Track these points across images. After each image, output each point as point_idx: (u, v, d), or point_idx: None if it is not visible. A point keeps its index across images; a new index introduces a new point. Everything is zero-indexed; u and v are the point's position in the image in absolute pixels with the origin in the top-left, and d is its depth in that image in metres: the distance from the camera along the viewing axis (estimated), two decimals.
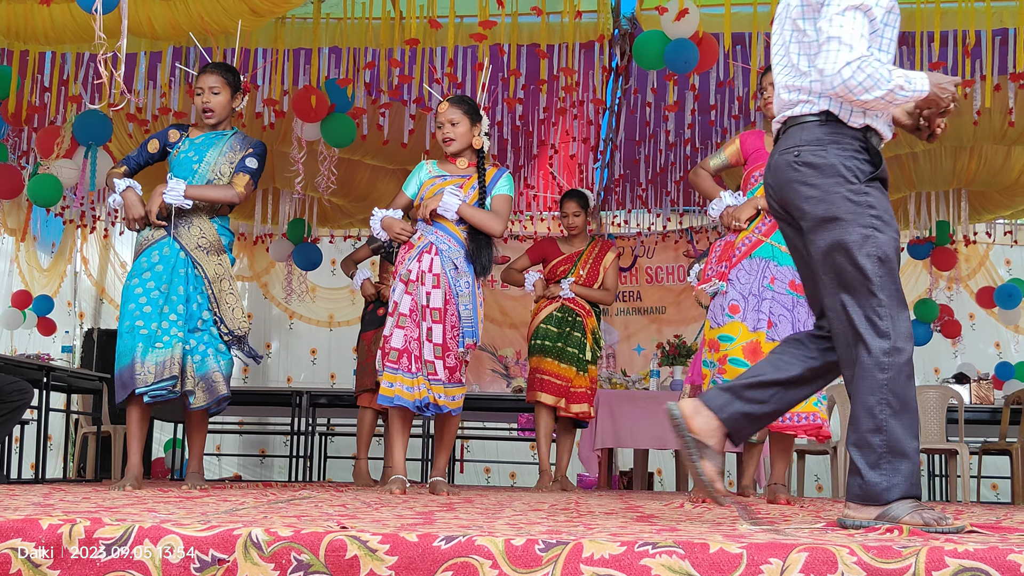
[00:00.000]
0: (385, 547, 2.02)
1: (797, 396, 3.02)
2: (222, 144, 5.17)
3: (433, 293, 4.90)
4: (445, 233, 4.98)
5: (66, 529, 2.11)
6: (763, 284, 4.74)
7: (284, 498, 3.95)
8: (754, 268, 4.79)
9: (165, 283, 4.98)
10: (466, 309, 4.93)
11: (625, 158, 9.97)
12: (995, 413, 8.63)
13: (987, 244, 11.07)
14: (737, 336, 4.69)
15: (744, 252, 4.80)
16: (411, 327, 4.91)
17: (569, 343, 6.83)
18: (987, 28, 6.82)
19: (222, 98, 5.14)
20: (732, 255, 4.83)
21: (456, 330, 4.94)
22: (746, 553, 1.94)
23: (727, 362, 4.67)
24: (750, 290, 4.74)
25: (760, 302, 4.71)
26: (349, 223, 10.42)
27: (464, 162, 5.12)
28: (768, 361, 3.03)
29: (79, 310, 11.34)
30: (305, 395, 8.90)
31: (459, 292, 4.92)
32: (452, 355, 4.92)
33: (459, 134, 5.04)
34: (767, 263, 4.78)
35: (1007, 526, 2.62)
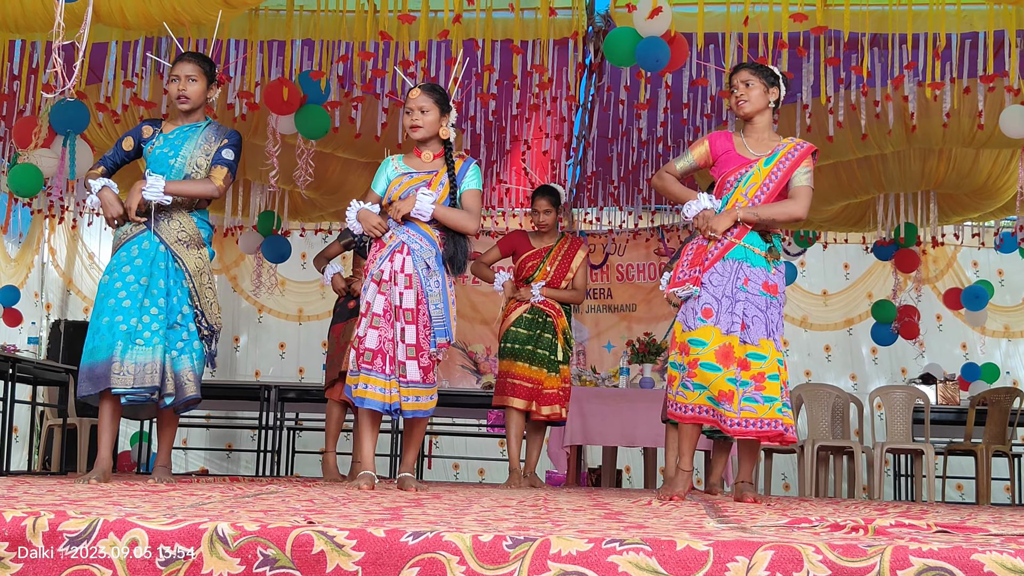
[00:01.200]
0: (352, 542, 2.01)
1: None
2: (196, 136, 5.13)
3: (406, 293, 4.86)
4: (417, 232, 4.92)
5: (30, 522, 2.09)
6: (736, 286, 4.73)
7: (251, 492, 3.94)
8: (727, 270, 4.76)
9: (145, 276, 4.94)
10: (436, 308, 4.90)
11: (597, 155, 9.98)
12: (961, 414, 8.71)
13: (955, 246, 11.17)
14: (709, 340, 4.66)
15: (717, 255, 4.77)
16: (385, 328, 4.86)
17: (540, 345, 6.81)
18: (957, 31, 6.87)
19: (198, 86, 5.11)
20: (704, 258, 4.80)
21: (428, 330, 4.91)
22: (712, 551, 1.95)
23: (698, 366, 4.65)
24: (723, 292, 4.72)
25: (734, 304, 4.70)
26: (320, 216, 10.38)
27: (430, 154, 5.04)
28: None
29: (46, 301, 11.25)
30: (273, 389, 8.86)
31: (429, 292, 4.89)
32: (425, 355, 4.90)
33: (427, 122, 4.99)
34: (740, 264, 4.76)
35: (971, 526, 2.64)
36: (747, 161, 4.85)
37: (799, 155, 4.86)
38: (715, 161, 4.95)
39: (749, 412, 4.61)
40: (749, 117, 4.92)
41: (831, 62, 6.89)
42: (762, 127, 4.93)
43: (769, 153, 4.86)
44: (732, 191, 4.85)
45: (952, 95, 7.26)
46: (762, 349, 4.68)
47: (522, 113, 8.53)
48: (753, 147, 4.89)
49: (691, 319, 4.75)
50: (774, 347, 4.72)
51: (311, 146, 8.02)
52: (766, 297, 4.74)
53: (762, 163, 4.84)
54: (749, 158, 4.86)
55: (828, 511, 3.98)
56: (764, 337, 4.70)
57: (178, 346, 4.98)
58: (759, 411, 4.61)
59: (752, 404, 4.62)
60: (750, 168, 4.83)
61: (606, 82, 8.60)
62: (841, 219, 9.97)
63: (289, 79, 7.36)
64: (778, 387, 4.66)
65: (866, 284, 11.51)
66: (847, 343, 11.57)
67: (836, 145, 8.11)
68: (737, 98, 4.90)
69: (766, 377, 4.65)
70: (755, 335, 4.69)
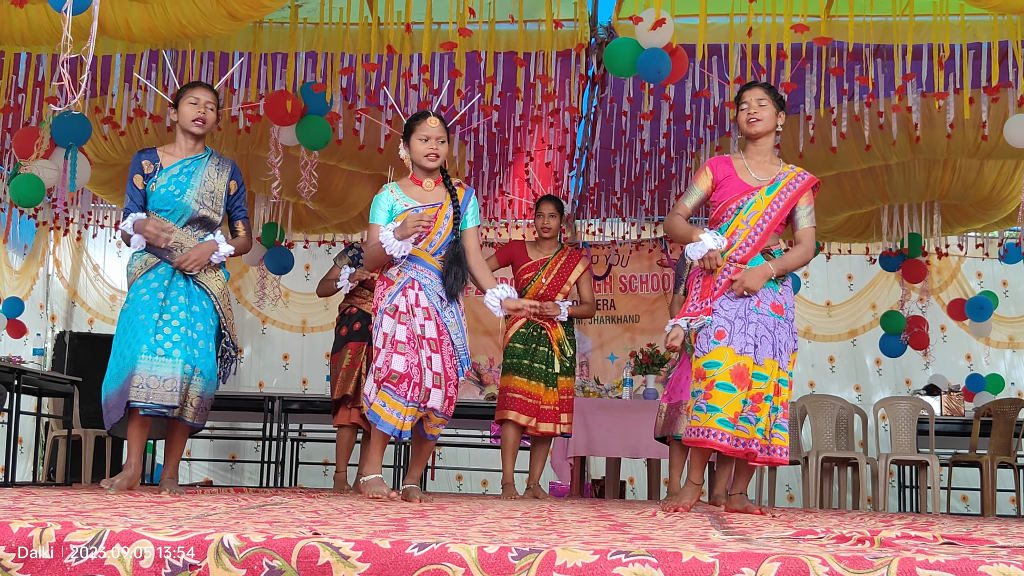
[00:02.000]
0: (358, 554, 2.01)
1: None
2: (200, 171, 5.19)
3: (427, 325, 4.86)
4: (424, 267, 4.91)
5: (36, 533, 2.09)
6: (748, 307, 4.72)
7: (256, 504, 3.93)
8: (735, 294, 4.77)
9: (162, 292, 5.03)
10: (458, 337, 4.93)
11: (600, 167, 9.99)
12: (965, 425, 8.70)
13: (959, 257, 11.16)
14: (724, 361, 4.63)
15: (725, 285, 4.76)
16: (411, 353, 4.83)
17: (536, 359, 6.80)
18: (962, 42, 6.87)
19: (213, 115, 5.21)
20: (713, 288, 4.78)
21: (453, 360, 4.93)
22: (719, 563, 1.95)
23: (714, 387, 4.62)
24: (736, 314, 4.70)
25: (747, 325, 4.69)
26: (324, 228, 10.39)
27: (431, 182, 4.99)
28: None
29: (51, 312, 11.27)
30: (277, 400, 8.86)
31: (448, 323, 4.91)
32: (452, 384, 4.92)
33: (442, 152, 4.97)
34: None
35: (977, 538, 2.64)
36: (749, 189, 4.82)
37: (800, 187, 4.85)
38: (716, 186, 4.90)
39: (741, 432, 4.62)
40: (758, 136, 4.88)
41: (834, 72, 6.90)
42: (766, 150, 4.91)
43: (771, 182, 4.84)
44: (733, 218, 4.82)
45: (956, 106, 7.26)
46: (764, 369, 4.68)
47: (525, 125, 8.54)
48: (755, 171, 4.86)
49: (704, 344, 4.72)
50: (777, 367, 4.72)
51: (314, 158, 8.04)
52: (774, 318, 4.74)
53: (764, 192, 4.82)
54: (752, 185, 4.83)
55: (833, 523, 3.98)
56: (768, 358, 4.70)
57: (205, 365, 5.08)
58: (750, 431, 4.63)
59: (745, 424, 4.63)
60: (752, 196, 4.81)
61: (609, 94, 8.61)
62: (845, 230, 9.96)
63: (292, 91, 7.38)
64: (769, 408, 4.67)
65: (870, 295, 11.50)
66: (851, 354, 11.56)
67: (840, 156, 8.11)
68: (750, 115, 4.84)
69: (763, 399, 4.66)
70: (760, 355, 4.69)
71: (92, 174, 8.04)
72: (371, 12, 6.94)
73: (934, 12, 6.76)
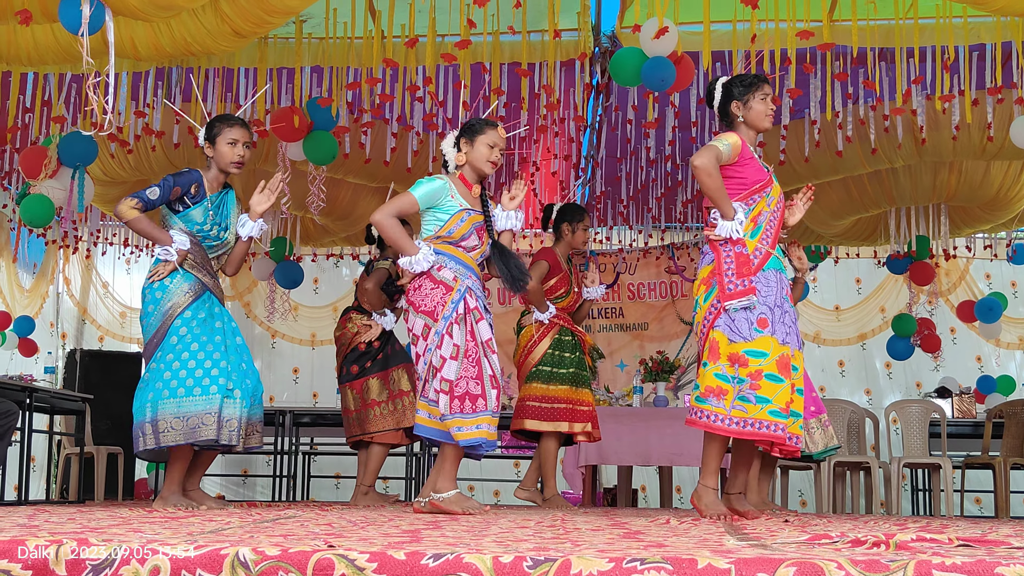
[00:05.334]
0: (373, 565, 2.02)
1: None
2: (231, 206, 5.32)
3: (484, 329, 4.88)
4: (475, 276, 4.95)
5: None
6: (782, 296, 4.69)
7: (270, 517, 3.94)
8: (770, 280, 4.68)
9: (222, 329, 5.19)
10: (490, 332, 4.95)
11: (606, 175, 10.00)
12: (977, 427, 8.67)
13: (967, 258, 11.14)
14: (770, 351, 4.54)
15: (759, 263, 4.69)
16: (476, 366, 4.83)
17: (579, 366, 6.81)
18: (965, 44, 6.88)
19: (249, 154, 5.29)
20: (751, 267, 4.66)
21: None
22: (734, 568, 1.95)
23: (762, 377, 4.51)
24: (775, 302, 4.65)
25: (784, 315, 4.65)
26: (332, 241, 10.41)
27: (477, 188, 4.98)
28: None
29: (61, 331, 11.30)
30: (288, 414, 8.86)
31: (489, 320, 4.96)
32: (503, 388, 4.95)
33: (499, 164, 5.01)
34: (779, 276, 4.73)
35: (993, 539, 2.63)
36: (769, 175, 4.85)
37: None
38: (739, 161, 4.76)
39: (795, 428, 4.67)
40: (766, 131, 4.95)
41: (839, 77, 6.91)
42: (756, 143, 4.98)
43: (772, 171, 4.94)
44: (759, 201, 4.76)
45: (961, 108, 7.26)
46: (796, 360, 4.71)
47: (530, 135, 8.56)
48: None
49: (746, 329, 4.57)
50: (802, 359, 4.78)
51: (322, 172, 8.06)
52: (793, 310, 4.79)
53: (773, 177, 4.88)
54: (768, 172, 4.86)
55: (848, 527, 3.97)
56: (798, 348, 4.75)
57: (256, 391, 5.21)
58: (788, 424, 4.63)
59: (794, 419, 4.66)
60: (772, 184, 4.83)
61: (613, 102, 8.62)
62: (852, 234, 9.96)
63: (298, 106, 7.40)
64: (801, 401, 4.70)
65: (879, 298, 11.48)
66: (861, 358, 11.53)
67: (846, 160, 8.11)
68: (772, 110, 4.86)
69: (794, 390, 4.65)
70: (794, 346, 4.70)
71: (101, 192, 8.07)
72: (375, 26, 6.96)
73: (937, 14, 6.77)
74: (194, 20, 5.97)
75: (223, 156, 5.18)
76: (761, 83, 4.86)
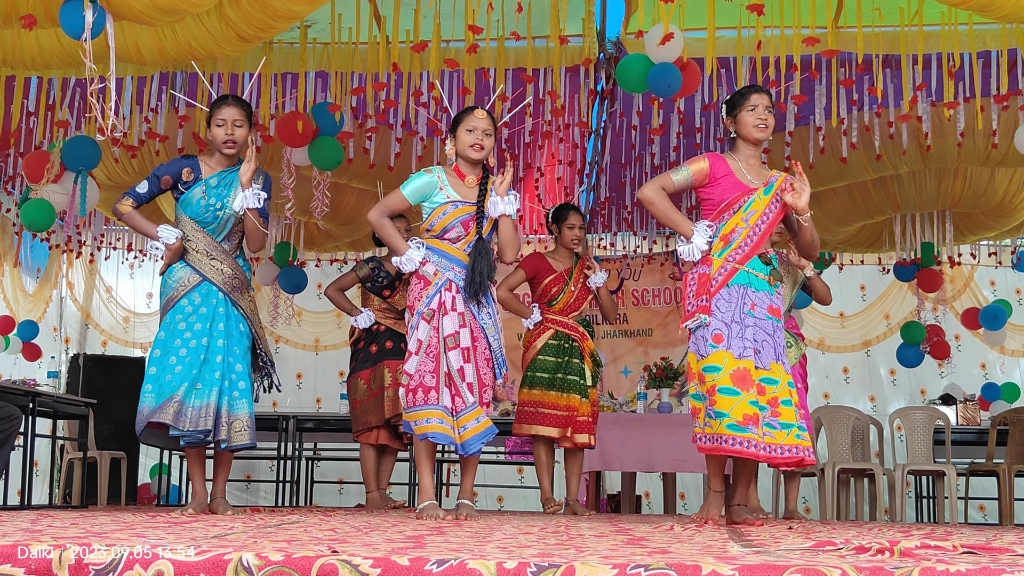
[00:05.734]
0: (376, 571, 2.01)
1: None
2: (237, 183, 5.19)
3: (461, 332, 4.84)
4: (461, 268, 4.90)
5: (56, 555, 2.10)
6: (743, 311, 4.72)
7: (273, 523, 3.94)
8: (733, 296, 4.74)
9: (208, 322, 5.09)
10: (495, 340, 4.90)
11: (611, 181, 10.00)
12: (982, 434, 8.66)
13: (972, 265, 11.13)
14: (723, 365, 4.64)
15: (721, 282, 4.75)
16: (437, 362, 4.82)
17: (569, 371, 6.67)
18: (971, 51, 6.87)
19: (244, 131, 5.20)
20: (710, 286, 4.78)
21: (489, 364, 4.91)
22: (738, 575, 1.94)
23: (716, 392, 4.62)
24: (732, 318, 4.71)
25: (743, 329, 4.69)
26: (335, 247, 10.41)
27: (473, 178, 4.98)
28: None
29: (65, 335, 11.31)
30: (292, 419, 8.86)
31: (485, 326, 4.89)
32: (488, 389, 4.89)
33: (488, 146, 4.96)
34: (745, 290, 4.76)
35: (997, 546, 2.62)
36: (749, 189, 4.83)
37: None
38: (710, 182, 4.85)
39: (769, 438, 4.62)
40: (759, 142, 4.91)
41: (845, 84, 6.91)
42: (757, 155, 4.95)
43: (766, 184, 4.87)
44: (732, 216, 4.82)
45: (966, 114, 7.25)
46: (773, 374, 4.69)
47: (535, 140, 8.56)
48: (749, 173, 4.88)
49: (703, 347, 4.71)
50: (783, 371, 4.73)
51: (327, 177, 8.06)
52: (772, 321, 4.75)
53: (762, 192, 4.84)
54: (750, 186, 4.84)
55: (852, 534, 3.96)
56: (774, 361, 4.71)
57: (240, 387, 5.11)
58: (778, 437, 4.62)
59: (771, 430, 4.62)
60: (751, 196, 4.82)
61: (618, 108, 8.62)
62: (857, 240, 9.95)
63: (303, 111, 7.40)
64: (792, 412, 4.67)
65: (883, 305, 11.47)
66: (865, 365, 11.52)
67: (851, 166, 8.11)
68: (760, 119, 4.84)
69: (779, 402, 4.66)
70: (766, 360, 4.70)
71: (104, 196, 8.07)
72: (380, 31, 6.96)
73: (942, 21, 6.76)
74: (198, 25, 5.97)
75: (215, 137, 5.19)
76: (748, 94, 4.89)
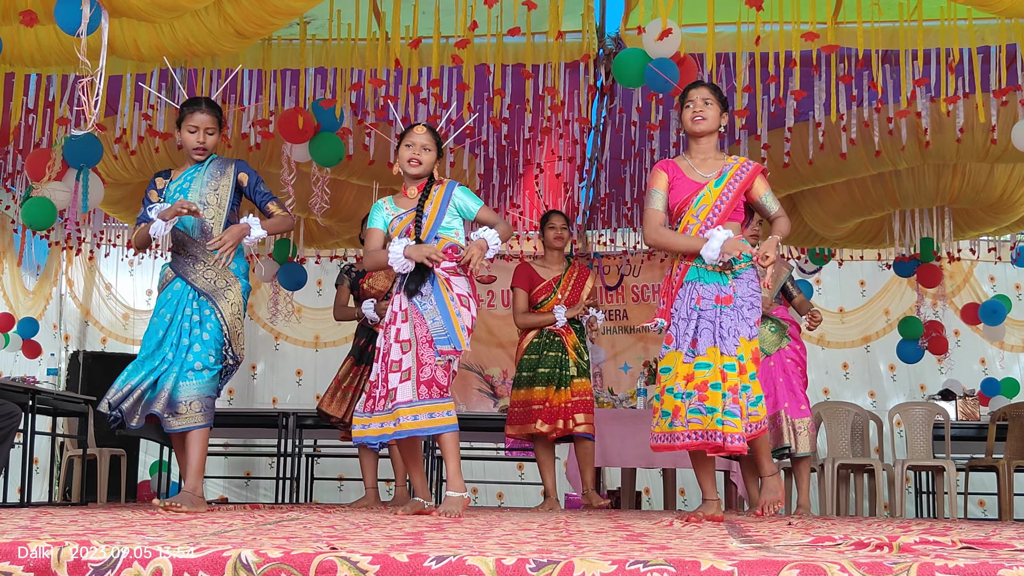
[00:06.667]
0: (375, 568, 2.01)
1: None
2: (203, 174, 5.23)
3: (403, 328, 4.88)
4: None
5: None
6: (691, 307, 4.80)
7: (272, 520, 3.94)
8: (685, 294, 4.85)
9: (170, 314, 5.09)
10: (435, 322, 4.85)
11: (610, 177, 9.99)
12: (981, 429, 8.66)
13: (971, 261, 11.13)
14: (674, 365, 4.76)
15: (678, 283, 4.86)
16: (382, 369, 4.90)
17: (543, 364, 6.84)
18: (970, 46, 6.87)
19: (215, 138, 5.24)
20: (669, 289, 4.89)
21: (429, 346, 4.85)
22: (737, 571, 1.94)
23: (665, 392, 4.75)
24: (681, 316, 4.82)
25: (688, 324, 4.77)
26: (335, 243, 10.41)
27: (414, 190, 5.03)
28: None
29: (64, 332, 11.30)
30: (291, 416, 8.86)
31: (424, 311, 4.85)
32: (428, 368, 4.83)
33: (427, 161, 5.00)
34: (694, 285, 4.83)
35: (996, 542, 2.63)
36: (698, 185, 4.89)
37: (748, 175, 4.91)
38: (671, 188, 4.94)
39: (695, 424, 4.65)
40: (701, 135, 4.94)
41: (844, 80, 6.90)
42: (709, 148, 4.98)
43: (718, 175, 4.90)
44: (685, 214, 4.91)
45: (965, 110, 7.24)
46: (707, 358, 4.71)
47: (534, 136, 8.55)
48: (700, 168, 4.93)
49: (662, 349, 4.88)
50: (720, 353, 4.70)
51: (326, 174, 8.06)
52: (717, 308, 4.76)
53: (712, 185, 4.89)
54: (699, 181, 4.90)
55: (851, 529, 3.97)
56: (711, 346, 4.72)
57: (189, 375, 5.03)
58: (704, 422, 4.63)
59: (697, 416, 4.65)
60: (700, 192, 4.88)
61: (618, 104, 8.61)
62: (856, 236, 9.95)
63: (303, 108, 7.40)
64: (718, 396, 4.63)
65: (883, 301, 11.47)
66: (865, 360, 11.52)
67: (850, 162, 8.10)
68: (695, 113, 4.91)
69: (708, 386, 4.67)
70: (702, 346, 4.73)
71: (105, 193, 8.07)
72: (379, 27, 6.95)
73: (942, 17, 6.76)
74: (197, 21, 5.97)
75: (186, 143, 5.22)
76: (686, 92, 5.01)
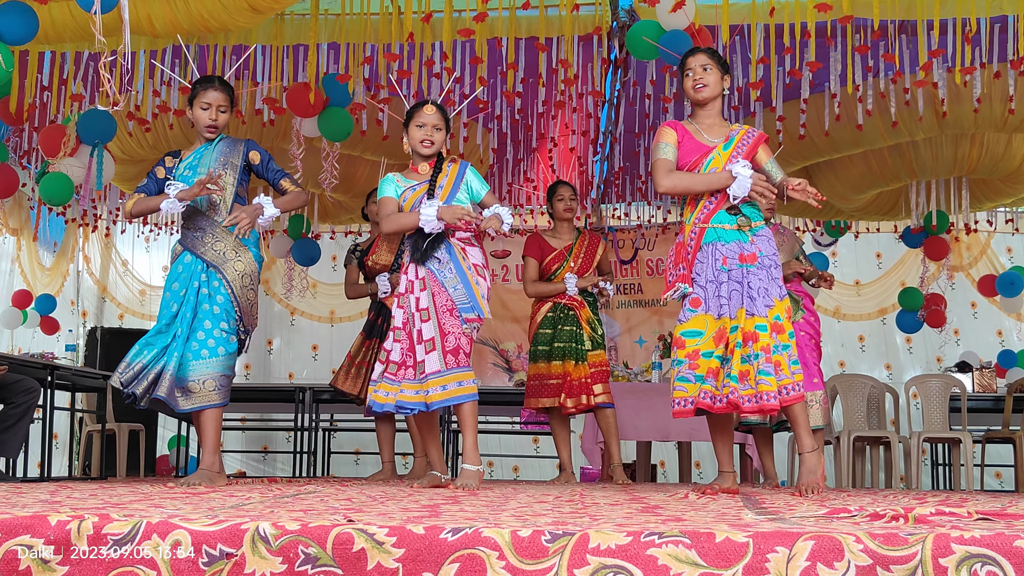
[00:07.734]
0: (392, 540, 2.03)
1: None
2: (212, 152, 5.24)
3: (421, 296, 4.90)
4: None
5: (74, 525, 2.12)
6: (716, 268, 4.74)
7: (290, 492, 3.96)
8: (706, 257, 4.78)
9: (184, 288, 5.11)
10: (456, 290, 4.88)
11: (625, 150, 9.97)
12: (998, 401, 8.63)
13: (988, 232, 11.07)
14: (705, 329, 4.68)
15: (695, 247, 4.79)
16: (405, 339, 4.93)
17: (559, 339, 6.82)
18: (987, 15, 6.81)
19: (227, 116, 5.24)
20: (686, 254, 4.81)
21: (454, 315, 4.89)
22: (752, 542, 1.95)
23: (699, 356, 4.66)
24: (707, 279, 4.74)
25: (719, 287, 4.72)
26: (349, 219, 10.42)
27: (426, 167, 5.06)
28: None
29: (82, 308, 11.36)
30: (308, 391, 8.90)
31: (444, 280, 4.89)
32: (453, 336, 4.87)
33: (438, 140, 5.02)
34: (714, 246, 4.77)
35: (1012, 512, 2.63)
36: (708, 148, 4.84)
37: (753, 142, 4.87)
38: (677, 146, 4.88)
39: (731, 385, 4.58)
40: (705, 102, 4.90)
41: (860, 50, 6.85)
42: (714, 114, 4.93)
43: (725, 140, 4.87)
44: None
45: (982, 80, 7.19)
46: (736, 320, 4.67)
47: (548, 110, 8.53)
48: (707, 133, 4.89)
49: (683, 313, 4.78)
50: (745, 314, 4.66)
51: (336, 149, 8.05)
52: (743, 268, 4.72)
53: (721, 148, 4.85)
54: (708, 145, 4.85)
55: (867, 501, 3.97)
56: (740, 307, 4.68)
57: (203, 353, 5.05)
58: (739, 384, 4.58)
59: (731, 382, 4.59)
60: (710, 155, 4.83)
61: (631, 77, 8.58)
62: (873, 208, 9.90)
63: (315, 83, 7.39)
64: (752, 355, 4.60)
65: (899, 273, 11.43)
66: (881, 333, 11.49)
67: (866, 133, 8.06)
68: (695, 81, 4.87)
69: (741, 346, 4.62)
70: (734, 308, 4.68)
71: (119, 170, 8.08)
72: (392, 1, 6.93)
73: None
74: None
75: (198, 121, 5.22)
76: (684, 60, 4.96)
